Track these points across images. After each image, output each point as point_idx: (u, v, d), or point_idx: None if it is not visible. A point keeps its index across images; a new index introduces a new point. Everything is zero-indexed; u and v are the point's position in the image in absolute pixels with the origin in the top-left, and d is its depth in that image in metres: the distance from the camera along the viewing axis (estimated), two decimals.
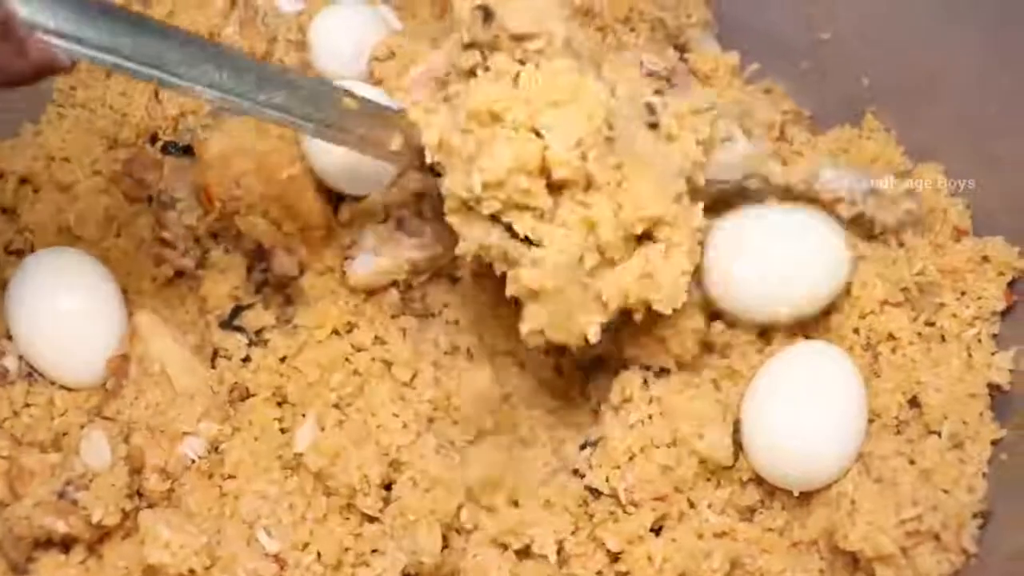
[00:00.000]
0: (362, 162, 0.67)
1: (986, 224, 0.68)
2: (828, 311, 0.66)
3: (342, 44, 0.77)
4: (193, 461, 0.60)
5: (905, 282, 0.65)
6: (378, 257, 0.66)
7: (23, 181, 0.74)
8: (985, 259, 0.66)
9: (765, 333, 0.64)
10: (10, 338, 0.66)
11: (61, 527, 0.54)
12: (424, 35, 0.77)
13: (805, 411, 0.59)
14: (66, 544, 0.57)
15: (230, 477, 0.61)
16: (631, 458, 0.59)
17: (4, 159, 0.73)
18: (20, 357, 0.66)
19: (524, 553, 0.60)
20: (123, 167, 0.74)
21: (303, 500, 0.60)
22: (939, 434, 0.61)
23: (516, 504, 0.61)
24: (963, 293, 0.65)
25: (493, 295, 0.68)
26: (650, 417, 0.60)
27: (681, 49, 0.79)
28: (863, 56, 0.75)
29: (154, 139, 0.76)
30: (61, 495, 0.55)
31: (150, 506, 0.59)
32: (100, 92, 0.78)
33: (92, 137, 0.76)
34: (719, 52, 0.79)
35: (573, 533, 0.59)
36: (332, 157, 0.67)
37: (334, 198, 0.70)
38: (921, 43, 0.71)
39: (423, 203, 0.67)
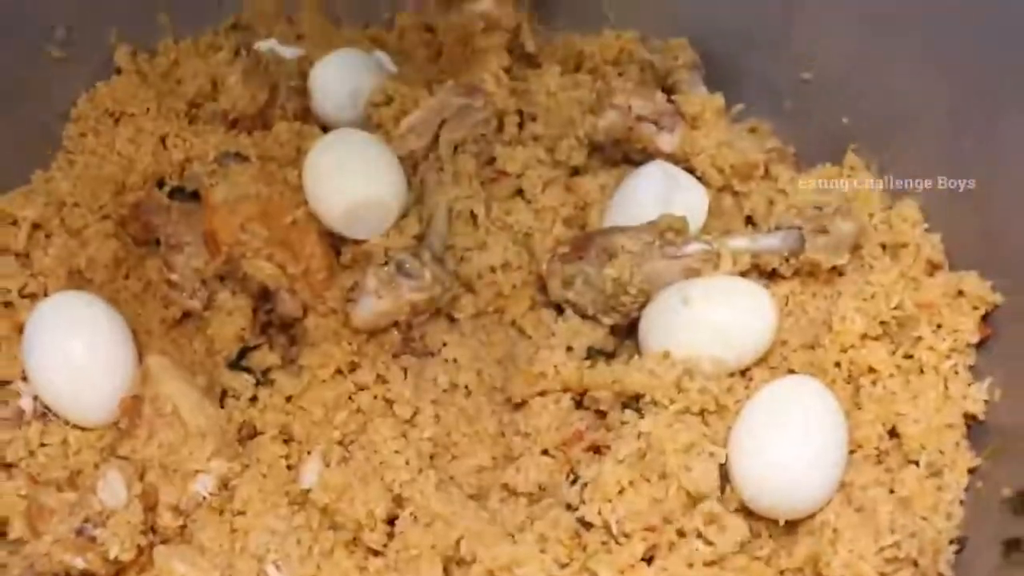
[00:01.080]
0: (362, 208, 0.70)
1: (961, 259, 0.69)
2: (811, 345, 0.68)
3: (341, 90, 0.79)
4: (204, 498, 0.62)
5: (883, 316, 0.67)
6: (379, 299, 0.68)
7: (35, 227, 0.75)
8: (960, 293, 0.67)
9: (749, 370, 0.67)
10: (25, 380, 0.68)
11: (80, 563, 0.56)
12: (419, 80, 0.80)
13: (789, 443, 0.61)
14: None
15: (240, 513, 0.62)
16: (621, 491, 0.61)
17: (17, 206, 0.75)
18: (35, 398, 0.67)
19: None
20: (131, 211, 0.76)
21: (310, 535, 0.61)
22: (917, 463, 0.63)
23: (512, 538, 0.62)
24: (939, 326, 0.67)
25: (489, 334, 0.71)
26: (640, 451, 0.62)
27: (669, 91, 0.81)
28: (844, 96, 0.77)
29: (161, 184, 0.78)
30: (79, 532, 0.57)
31: (164, 542, 0.60)
32: (109, 139, 0.80)
33: (101, 183, 0.77)
34: (706, 94, 0.81)
35: (566, 565, 0.60)
36: (334, 203, 0.70)
37: (336, 242, 0.72)
38: (898, 84, 0.73)
39: (421, 247, 0.69)
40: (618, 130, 0.76)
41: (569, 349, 0.69)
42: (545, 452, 0.66)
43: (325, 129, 0.79)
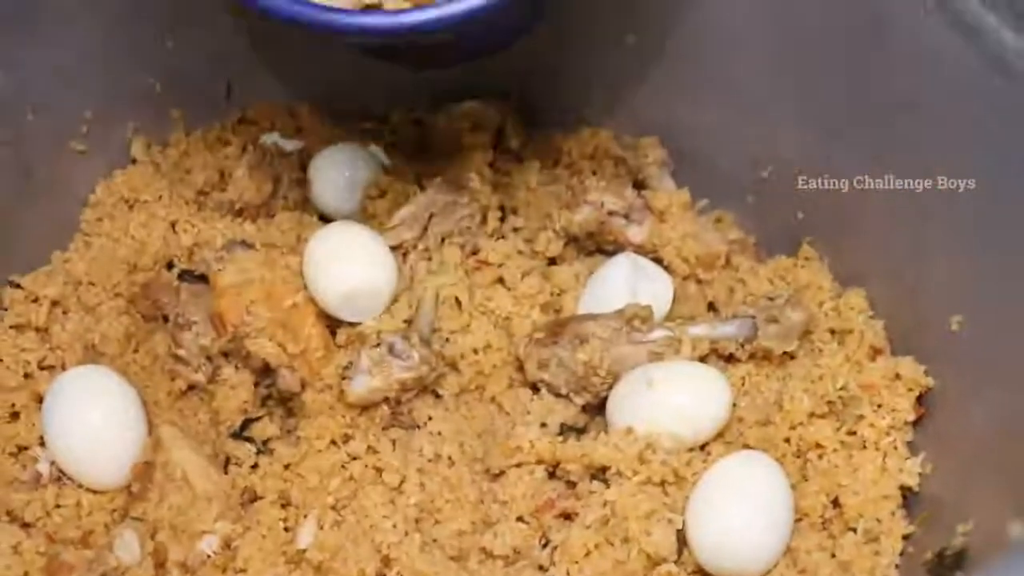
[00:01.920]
0: (357, 293, 0.75)
1: (900, 344, 0.75)
2: (764, 423, 0.74)
3: (338, 181, 0.84)
4: (209, 556, 0.66)
5: (830, 396, 0.72)
6: (371, 377, 0.72)
7: (54, 304, 0.80)
8: (897, 376, 0.73)
9: (707, 444, 0.73)
10: (43, 445, 0.73)
11: None
12: (410, 173, 0.85)
13: (741, 512, 0.67)
14: None
15: (241, 571, 0.67)
16: (587, 554, 0.66)
17: (39, 285, 0.80)
18: (52, 463, 0.72)
19: None
20: (141, 290, 0.81)
21: None
22: (855, 530, 0.68)
23: None
24: (879, 406, 0.72)
25: (471, 409, 0.76)
26: (605, 518, 0.67)
27: (640, 185, 0.87)
28: (798, 192, 0.82)
29: (170, 265, 0.83)
30: None
31: None
32: (123, 223, 0.84)
33: (115, 263, 0.82)
34: (673, 188, 0.87)
35: None
36: (331, 288, 0.75)
37: (332, 324, 0.77)
38: (846, 183, 0.78)
39: (410, 330, 0.75)
40: (591, 224, 0.82)
41: (543, 425, 0.73)
42: (520, 519, 0.70)
43: (323, 217, 0.84)
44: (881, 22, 0.71)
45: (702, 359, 0.75)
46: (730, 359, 0.76)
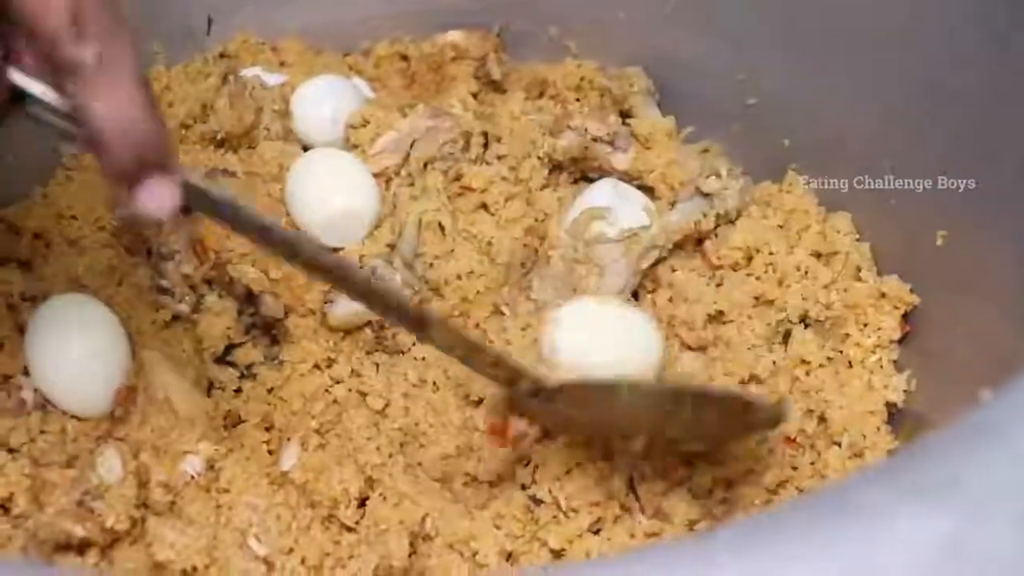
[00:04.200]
0: (339, 218, 0.75)
1: (886, 264, 0.76)
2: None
3: (321, 112, 0.84)
4: (192, 477, 0.66)
5: (817, 316, 0.74)
6: (354, 301, 0.73)
7: (36, 236, 0.79)
8: (883, 295, 0.73)
9: None
10: (27, 374, 0.72)
11: (79, 531, 0.61)
12: (394, 104, 0.85)
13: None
14: (82, 548, 0.63)
15: (224, 491, 0.67)
16: (568, 471, 0.66)
17: (20, 218, 0.79)
18: (36, 390, 0.71)
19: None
20: (123, 223, 0.79)
21: (289, 511, 0.66)
22: (840, 444, 0.69)
23: (471, 515, 0.66)
24: (865, 325, 0.73)
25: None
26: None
27: (625, 115, 0.87)
28: (784, 120, 0.82)
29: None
30: (80, 503, 0.62)
31: (155, 515, 0.65)
32: None
33: (97, 197, 0.81)
34: (659, 117, 0.88)
35: (519, 537, 0.65)
36: (311, 213, 0.75)
37: None
38: (830, 110, 0.79)
39: (393, 254, 0.75)
40: (575, 150, 0.82)
41: None
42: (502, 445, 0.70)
43: (306, 149, 0.84)
44: None
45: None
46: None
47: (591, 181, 0.84)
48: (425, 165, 0.80)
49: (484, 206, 0.80)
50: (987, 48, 0.67)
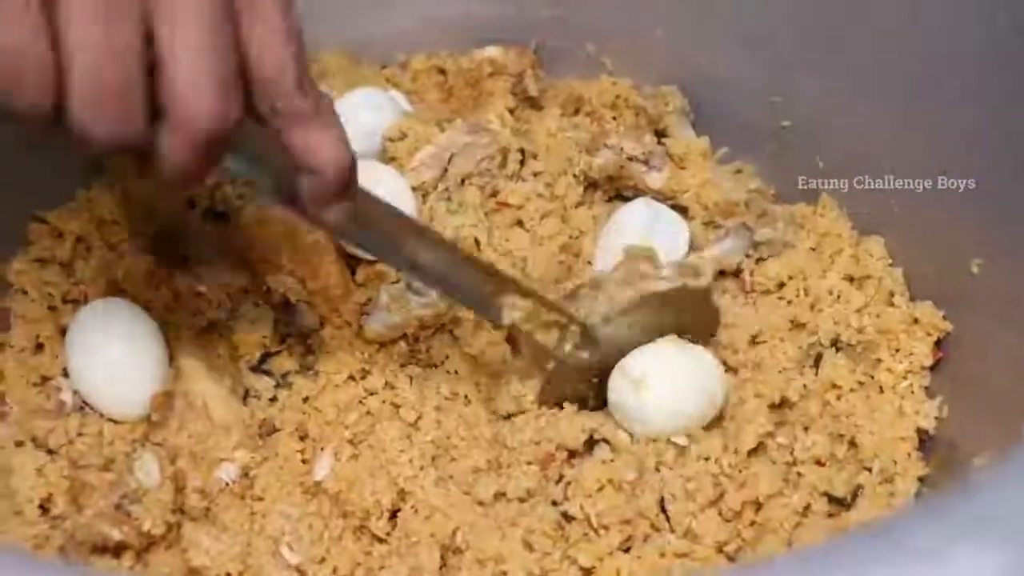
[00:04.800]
0: None
1: (919, 289, 0.76)
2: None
3: (360, 125, 0.83)
4: (227, 484, 0.67)
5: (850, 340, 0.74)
6: (390, 314, 0.73)
7: (78, 240, 0.80)
8: (916, 321, 0.73)
9: None
10: (66, 375, 0.74)
11: (116, 535, 0.62)
12: (431, 118, 0.86)
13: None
14: (118, 551, 0.64)
15: (259, 499, 0.68)
16: (600, 489, 0.66)
17: (63, 221, 0.81)
18: (75, 392, 0.73)
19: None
20: (162, 228, 0.81)
21: (321, 521, 0.66)
22: (871, 470, 0.69)
23: (502, 531, 0.66)
24: (897, 350, 0.73)
25: (488, 350, 0.76)
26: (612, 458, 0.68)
27: (660, 134, 0.88)
28: (818, 141, 0.83)
29: (192, 205, 0.83)
30: (118, 507, 0.63)
31: (191, 520, 0.66)
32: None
33: (137, 203, 0.81)
34: (693, 137, 0.88)
35: (549, 554, 0.65)
36: None
37: (352, 262, 0.77)
38: (865, 132, 0.79)
39: None
40: (611, 168, 0.83)
41: None
42: (530, 463, 0.70)
43: None
44: None
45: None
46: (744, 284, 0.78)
47: (625, 199, 0.85)
48: (462, 180, 0.81)
49: (520, 222, 0.80)
50: None
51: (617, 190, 0.85)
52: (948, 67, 0.73)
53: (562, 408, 0.72)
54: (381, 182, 0.77)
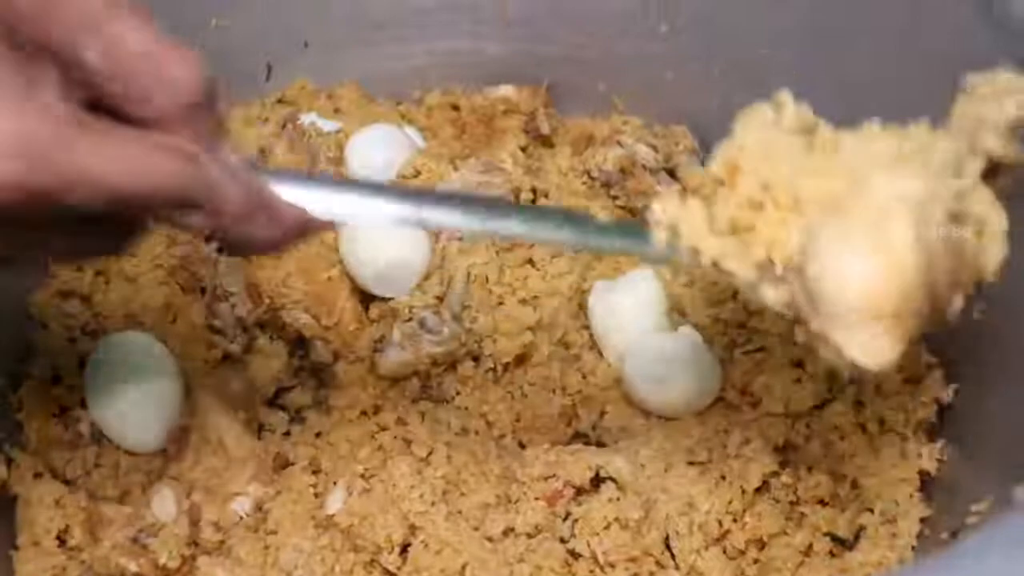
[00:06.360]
0: (391, 269, 0.77)
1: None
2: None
3: (374, 161, 0.85)
4: (241, 517, 0.69)
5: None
6: (403, 351, 0.75)
7: (97, 273, 0.82)
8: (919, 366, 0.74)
9: None
10: (84, 407, 0.75)
11: (133, 567, 0.63)
12: (445, 155, 0.87)
13: None
14: None
15: (272, 532, 0.69)
16: (606, 527, 0.68)
17: None
18: (92, 423, 0.74)
19: None
20: (179, 261, 0.82)
21: (333, 555, 0.68)
22: (872, 511, 0.70)
23: (511, 568, 0.68)
24: (899, 393, 0.74)
25: (497, 388, 0.78)
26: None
27: (670, 173, 0.89)
28: None
29: (208, 239, 0.85)
30: (134, 540, 0.65)
31: (205, 554, 0.67)
32: None
33: (155, 235, 0.82)
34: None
35: None
36: (365, 264, 0.77)
37: (366, 299, 0.79)
38: None
39: (442, 306, 0.77)
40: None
41: None
42: (538, 499, 0.71)
43: None
44: (920, 24, 0.72)
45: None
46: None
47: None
48: None
49: (531, 261, 0.81)
50: None
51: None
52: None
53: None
54: None
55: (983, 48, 0.69)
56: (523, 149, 0.88)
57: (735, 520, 0.69)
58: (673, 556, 0.68)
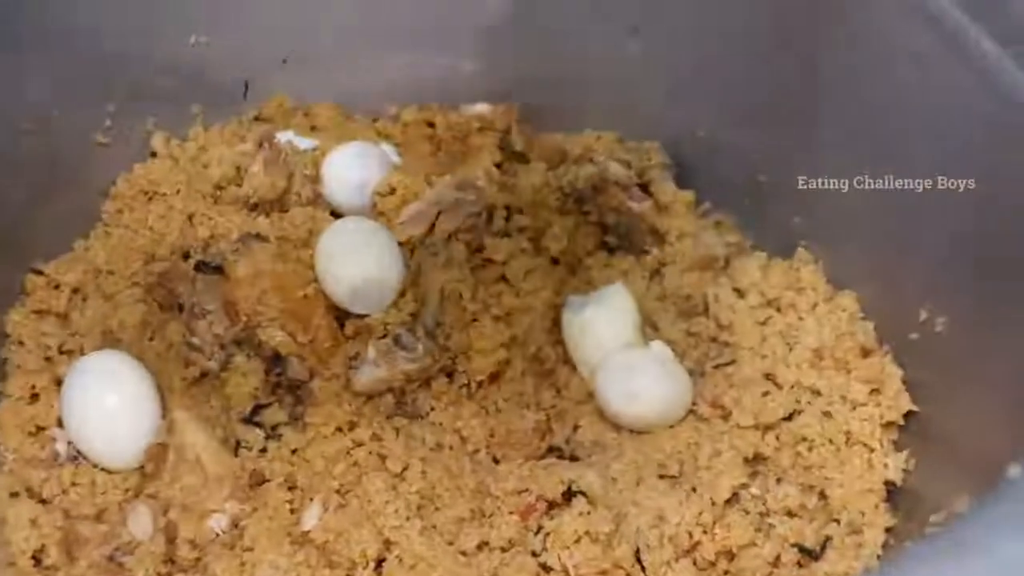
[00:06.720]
0: (366, 286, 0.78)
1: (889, 344, 0.78)
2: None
3: (350, 178, 0.86)
4: (218, 535, 0.69)
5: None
6: (378, 368, 0.75)
7: (75, 291, 0.82)
8: (885, 375, 0.76)
9: None
10: (61, 426, 0.75)
11: None
12: (420, 171, 0.88)
13: None
14: None
15: (248, 549, 0.69)
16: (577, 540, 0.69)
17: (61, 272, 0.83)
18: (69, 443, 0.75)
19: None
20: (158, 279, 0.82)
21: (308, 571, 0.68)
22: (839, 521, 0.71)
23: None
24: (866, 404, 0.75)
25: (472, 401, 0.78)
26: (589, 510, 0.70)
27: (643, 187, 0.90)
28: (794, 198, 0.85)
29: (187, 256, 0.84)
30: (111, 559, 0.65)
31: (181, 571, 0.68)
32: (142, 215, 0.86)
33: (133, 253, 0.84)
34: (676, 190, 0.91)
35: None
36: (341, 281, 0.78)
37: (341, 316, 0.79)
38: (845, 184, 0.80)
39: (416, 323, 0.78)
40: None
41: None
42: (512, 512, 0.72)
43: (335, 214, 0.87)
44: (869, 31, 0.74)
45: None
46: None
47: (609, 249, 0.87)
48: (449, 236, 0.83)
49: (504, 278, 0.82)
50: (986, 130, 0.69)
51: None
52: (924, 137, 0.75)
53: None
54: (371, 239, 0.79)
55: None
56: (498, 165, 0.89)
57: (705, 532, 0.70)
58: (643, 568, 0.69)
